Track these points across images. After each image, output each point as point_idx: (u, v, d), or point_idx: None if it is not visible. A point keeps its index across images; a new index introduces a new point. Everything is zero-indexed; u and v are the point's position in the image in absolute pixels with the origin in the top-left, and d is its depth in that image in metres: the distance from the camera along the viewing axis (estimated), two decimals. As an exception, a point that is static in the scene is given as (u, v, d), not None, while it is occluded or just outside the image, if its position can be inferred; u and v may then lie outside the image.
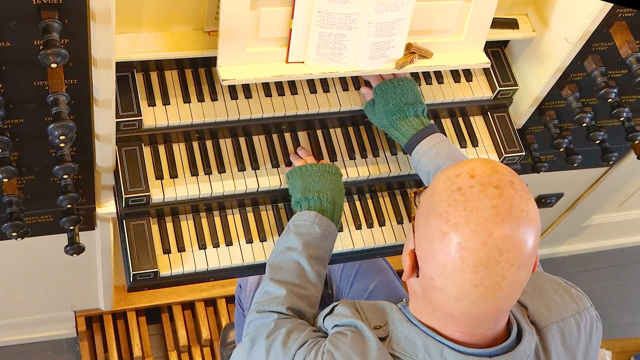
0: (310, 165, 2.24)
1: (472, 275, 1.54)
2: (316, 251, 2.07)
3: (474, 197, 1.54)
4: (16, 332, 3.25)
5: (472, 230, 1.52)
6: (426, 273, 1.63)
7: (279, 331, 1.83)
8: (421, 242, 1.63)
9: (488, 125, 2.55)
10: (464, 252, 1.53)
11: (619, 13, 2.26)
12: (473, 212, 1.53)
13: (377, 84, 2.32)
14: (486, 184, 1.55)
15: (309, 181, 2.20)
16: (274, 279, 2.00)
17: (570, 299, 1.88)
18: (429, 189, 1.65)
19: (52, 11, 1.70)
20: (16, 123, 1.98)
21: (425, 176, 2.23)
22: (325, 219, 2.12)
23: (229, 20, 2.04)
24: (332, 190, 2.18)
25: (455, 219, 1.54)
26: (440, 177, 1.63)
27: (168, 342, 3.40)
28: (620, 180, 3.38)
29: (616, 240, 4.15)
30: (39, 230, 2.39)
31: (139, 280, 2.21)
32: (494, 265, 1.53)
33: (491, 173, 1.57)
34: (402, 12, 2.14)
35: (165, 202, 2.26)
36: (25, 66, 1.82)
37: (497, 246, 1.52)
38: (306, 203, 2.16)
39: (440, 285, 1.60)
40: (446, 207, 1.56)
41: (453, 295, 1.59)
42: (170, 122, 2.25)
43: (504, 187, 1.55)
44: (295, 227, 2.11)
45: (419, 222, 1.65)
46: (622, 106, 2.42)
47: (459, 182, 1.57)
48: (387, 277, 2.54)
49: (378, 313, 1.82)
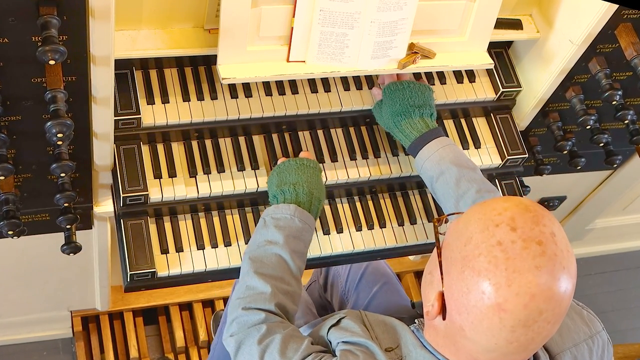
0: (288, 160, 2.22)
1: (509, 334, 1.53)
2: (298, 245, 2.04)
3: (516, 256, 1.50)
4: (12, 331, 3.24)
5: (514, 293, 1.49)
6: (456, 322, 1.60)
7: (273, 337, 1.79)
8: (453, 292, 1.59)
9: (491, 127, 2.54)
10: (504, 314, 1.51)
11: (624, 14, 2.26)
12: (515, 274, 1.49)
13: (387, 83, 2.31)
14: (528, 239, 1.51)
15: (284, 174, 2.17)
16: (257, 272, 1.95)
17: (582, 322, 1.87)
18: (462, 233, 1.60)
19: (51, 7, 1.70)
20: (13, 120, 1.97)
21: (429, 182, 2.21)
22: (304, 212, 2.08)
23: (230, 18, 2.03)
24: (308, 182, 2.15)
25: (496, 279, 1.50)
26: (476, 224, 1.57)
27: (165, 343, 3.39)
28: (624, 183, 3.37)
29: (619, 244, 4.13)
30: (35, 229, 2.39)
31: (136, 281, 2.19)
32: (532, 324, 1.52)
33: (532, 225, 1.53)
34: (405, 11, 2.13)
35: (164, 202, 2.25)
36: (23, 63, 1.82)
37: (537, 307, 1.50)
38: (282, 196, 2.12)
39: (471, 336, 1.58)
40: (486, 264, 1.52)
41: (484, 347, 1.58)
42: (169, 121, 2.25)
43: (547, 242, 1.51)
44: (274, 220, 2.06)
45: (450, 269, 1.60)
46: (626, 109, 2.41)
47: (498, 235, 1.53)
48: (390, 282, 2.53)
49: (389, 332, 1.79)
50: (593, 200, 3.49)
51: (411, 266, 3.65)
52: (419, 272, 3.70)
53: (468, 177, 2.13)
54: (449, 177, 2.13)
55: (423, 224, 2.44)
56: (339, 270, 2.60)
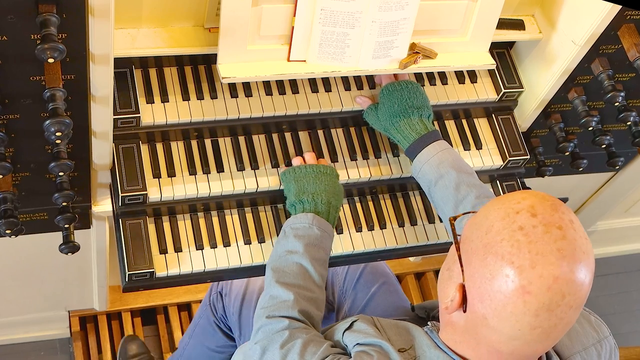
0: (305, 166, 2.23)
1: (532, 319, 1.54)
2: (318, 252, 2.06)
3: (538, 239, 1.52)
4: (9, 331, 3.24)
5: (538, 275, 1.51)
6: (479, 311, 1.60)
7: (294, 342, 1.81)
8: (475, 280, 1.60)
9: (492, 128, 2.54)
10: (528, 297, 1.52)
11: (627, 15, 2.25)
12: (539, 256, 1.51)
13: (385, 84, 2.31)
14: (549, 224, 1.54)
15: (302, 183, 2.19)
16: (279, 282, 1.98)
17: (590, 327, 1.89)
18: (481, 223, 1.62)
19: (50, 5, 1.70)
20: (12, 119, 1.97)
21: (426, 185, 2.22)
22: (322, 220, 2.11)
23: (230, 17, 2.03)
24: (326, 191, 2.17)
25: (520, 262, 1.52)
26: (496, 212, 1.60)
27: (163, 344, 3.39)
28: (626, 185, 3.37)
29: (621, 247, 4.14)
30: (33, 228, 2.39)
31: (135, 281, 2.19)
32: (555, 308, 1.53)
33: (552, 211, 1.55)
34: (407, 11, 2.12)
35: (163, 202, 2.24)
36: (22, 61, 1.82)
37: (560, 290, 1.52)
38: (300, 205, 2.15)
39: (494, 325, 1.59)
40: (509, 248, 1.54)
41: (507, 335, 1.58)
42: (168, 120, 2.24)
43: (566, 227, 1.55)
44: (293, 230, 2.09)
45: (472, 259, 1.61)
46: (629, 110, 2.41)
47: (520, 221, 1.55)
48: (389, 282, 2.53)
49: (401, 334, 1.80)
50: (595, 202, 3.49)
51: (411, 268, 3.64)
52: (419, 273, 3.70)
53: (467, 182, 2.14)
54: (449, 182, 2.14)
55: (424, 225, 2.43)
56: (337, 270, 2.61)
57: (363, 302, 2.47)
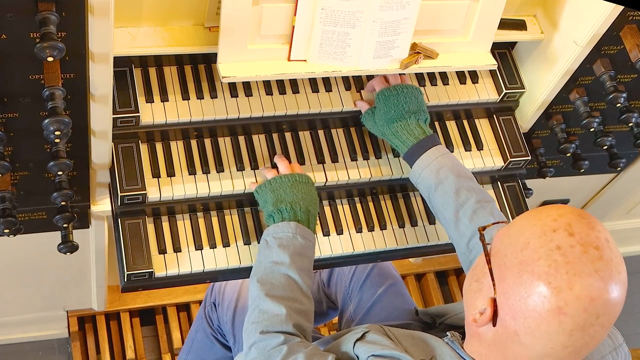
0: (280, 177, 2.21)
1: (566, 338, 1.55)
2: (303, 262, 2.04)
3: (576, 260, 1.52)
4: (7, 331, 3.24)
5: (575, 296, 1.51)
6: (511, 327, 1.60)
7: (296, 356, 1.77)
8: (509, 297, 1.59)
9: (493, 129, 2.53)
10: (564, 317, 1.52)
11: (629, 16, 2.25)
12: (576, 277, 1.51)
13: (380, 89, 2.30)
14: (586, 244, 1.54)
15: (279, 193, 2.17)
16: (269, 295, 1.94)
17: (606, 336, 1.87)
18: (516, 239, 1.61)
19: (50, 3, 1.70)
20: (10, 117, 1.97)
21: (426, 190, 2.21)
22: (305, 229, 2.09)
23: (231, 16, 2.03)
24: (304, 200, 2.15)
25: (557, 282, 1.52)
26: (533, 230, 1.59)
27: (162, 344, 3.38)
28: (628, 187, 3.37)
29: (623, 248, 4.10)
30: (31, 227, 2.39)
31: (134, 281, 2.18)
32: (588, 328, 1.54)
33: (589, 230, 1.55)
34: (408, 11, 2.12)
35: (162, 201, 2.24)
36: (21, 59, 1.82)
37: (595, 311, 1.52)
38: (279, 215, 2.12)
39: (526, 342, 1.58)
40: (546, 268, 1.53)
41: (538, 353, 1.58)
42: (168, 120, 2.24)
43: (603, 247, 1.54)
44: (276, 240, 2.06)
45: (505, 274, 1.60)
46: (631, 111, 2.41)
47: (557, 240, 1.55)
48: (396, 284, 2.53)
49: (418, 345, 1.79)
50: (596, 204, 3.49)
51: (412, 269, 3.64)
52: (419, 274, 3.69)
53: (467, 187, 2.14)
54: (448, 187, 2.14)
55: (424, 225, 2.43)
56: (344, 270, 2.60)
57: (369, 303, 2.46)
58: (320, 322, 2.86)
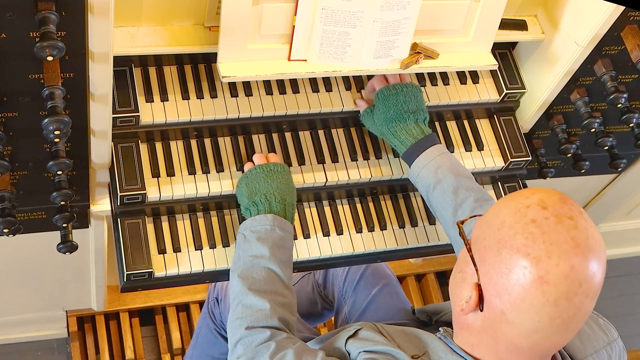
0: (254, 167, 2.20)
1: (552, 309, 1.54)
2: (283, 254, 2.04)
3: (552, 229, 1.54)
4: (5, 331, 3.23)
5: (554, 264, 1.52)
6: (497, 307, 1.60)
7: (285, 352, 1.77)
8: (491, 276, 1.60)
9: (494, 129, 2.53)
10: (546, 286, 1.53)
11: (630, 16, 2.25)
12: (553, 245, 1.53)
13: (379, 88, 2.30)
14: (560, 215, 1.55)
15: (254, 185, 2.16)
16: (252, 289, 1.94)
17: (600, 330, 1.90)
18: (492, 221, 1.63)
19: (49, 2, 1.70)
20: (10, 117, 1.96)
21: (424, 190, 2.21)
22: (282, 220, 2.09)
23: (231, 16, 2.02)
24: (279, 189, 2.14)
25: (535, 253, 1.53)
26: (507, 209, 1.61)
27: (161, 345, 3.38)
28: (629, 187, 3.37)
29: (623, 249, 4.13)
30: (31, 227, 2.38)
31: (133, 281, 2.18)
32: (572, 297, 1.54)
33: (561, 203, 1.57)
34: (408, 10, 2.12)
35: (162, 201, 2.24)
36: (21, 58, 1.81)
37: (577, 278, 1.53)
38: (255, 207, 2.12)
39: (513, 319, 1.59)
40: (523, 240, 1.55)
41: (527, 329, 1.58)
42: (168, 119, 2.23)
43: (577, 217, 1.56)
44: (254, 233, 2.05)
45: (485, 255, 1.62)
46: (632, 112, 2.41)
47: (531, 214, 1.57)
48: (390, 284, 2.52)
49: (411, 341, 1.79)
50: (597, 205, 3.49)
51: (412, 269, 3.63)
52: (419, 275, 3.69)
53: (466, 186, 2.14)
54: (447, 186, 2.14)
55: (424, 226, 2.43)
56: (337, 271, 2.60)
57: (364, 304, 2.46)
58: (316, 322, 2.86)
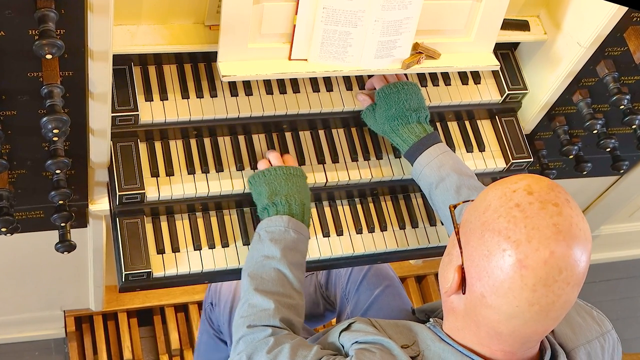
0: (274, 168, 2.21)
1: (530, 294, 1.55)
2: (295, 257, 2.04)
3: (534, 214, 1.54)
4: (3, 331, 3.23)
5: (534, 249, 1.53)
6: (477, 290, 1.61)
7: (282, 347, 1.78)
8: (474, 258, 1.61)
9: (496, 130, 2.53)
10: (525, 271, 1.53)
11: (633, 17, 2.25)
12: (535, 230, 1.53)
13: (380, 87, 2.29)
14: (545, 201, 1.55)
15: (274, 185, 2.17)
16: (258, 289, 1.95)
17: (593, 322, 1.90)
18: (479, 204, 1.64)
19: (49, 0, 1.69)
20: (8, 115, 1.96)
21: (427, 188, 2.22)
22: (298, 223, 2.09)
23: (231, 15, 2.02)
24: (299, 192, 2.16)
25: (516, 236, 1.54)
26: (494, 192, 1.62)
27: (160, 345, 3.38)
28: (631, 190, 3.37)
29: (625, 251, 4.14)
30: (29, 226, 2.38)
31: (132, 281, 2.18)
32: (552, 284, 1.54)
33: (548, 190, 1.58)
34: (410, 10, 2.11)
35: (161, 201, 2.23)
36: (20, 56, 1.81)
37: (557, 265, 1.53)
38: (274, 208, 2.12)
39: (492, 303, 1.59)
40: (505, 224, 1.56)
41: (505, 314, 1.59)
42: (167, 118, 2.23)
43: (562, 205, 1.56)
44: (268, 234, 2.07)
45: (469, 238, 1.63)
46: (634, 113, 2.41)
47: (516, 199, 1.57)
48: (392, 285, 2.52)
49: (402, 332, 1.81)
50: (599, 207, 3.49)
51: (412, 270, 3.63)
52: (420, 276, 3.68)
53: (468, 185, 2.14)
54: (449, 184, 2.15)
55: (425, 227, 2.42)
56: (340, 271, 2.60)
57: (366, 305, 2.46)
58: (318, 323, 2.86)
